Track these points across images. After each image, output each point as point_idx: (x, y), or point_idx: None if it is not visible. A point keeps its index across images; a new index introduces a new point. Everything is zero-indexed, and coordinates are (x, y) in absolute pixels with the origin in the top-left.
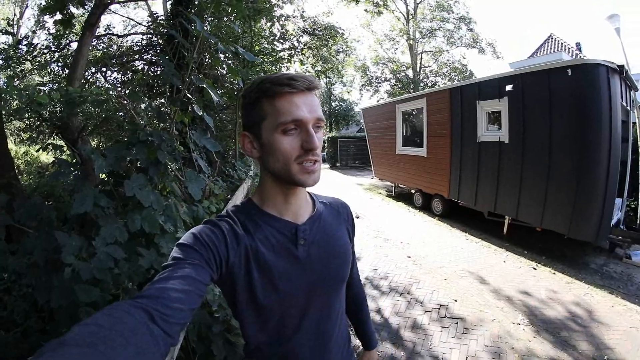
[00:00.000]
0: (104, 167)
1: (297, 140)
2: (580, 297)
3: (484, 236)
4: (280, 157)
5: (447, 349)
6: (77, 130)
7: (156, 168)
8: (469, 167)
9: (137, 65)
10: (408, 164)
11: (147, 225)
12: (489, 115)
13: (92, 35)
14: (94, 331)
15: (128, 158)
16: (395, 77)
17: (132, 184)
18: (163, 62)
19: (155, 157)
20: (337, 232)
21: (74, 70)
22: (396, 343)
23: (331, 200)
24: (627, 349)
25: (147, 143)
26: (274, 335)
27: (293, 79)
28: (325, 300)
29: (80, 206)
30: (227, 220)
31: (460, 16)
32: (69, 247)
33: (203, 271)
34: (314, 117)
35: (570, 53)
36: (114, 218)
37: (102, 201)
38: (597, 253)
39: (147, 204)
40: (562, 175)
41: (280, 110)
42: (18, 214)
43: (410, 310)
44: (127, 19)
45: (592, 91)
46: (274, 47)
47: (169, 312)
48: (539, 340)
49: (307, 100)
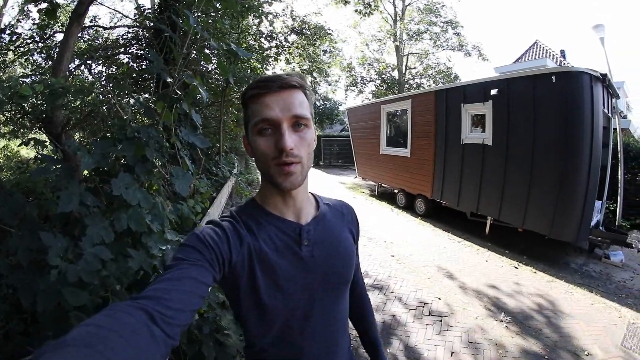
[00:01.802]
0: (91, 164)
1: (272, 140)
2: (561, 294)
3: (466, 236)
4: (260, 158)
5: (431, 346)
6: (61, 124)
7: (143, 165)
8: (453, 168)
9: (123, 58)
10: (392, 164)
11: (134, 224)
12: (473, 118)
13: (80, 26)
14: (93, 332)
15: (114, 154)
16: (380, 78)
17: (119, 183)
18: (152, 56)
19: (143, 154)
20: (341, 234)
21: (59, 62)
22: (381, 341)
23: (335, 202)
24: (606, 344)
25: (134, 139)
26: (279, 337)
27: (267, 80)
28: (329, 302)
29: (66, 205)
30: (230, 220)
31: (447, 20)
32: (55, 248)
33: (205, 272)
34: (288, 115)
35: (554, 60)
36: (100, 217)
37: (88, 199)
38: (577, 253)
39: (134, 202)
40: (544, 178)
41: (254, 111)
42: (0, 211)
43: (394, 308)
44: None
45: (575, 98)
46: (261, 45)
47: (170, 313)
48: (522, 336)
49: (280, 99)
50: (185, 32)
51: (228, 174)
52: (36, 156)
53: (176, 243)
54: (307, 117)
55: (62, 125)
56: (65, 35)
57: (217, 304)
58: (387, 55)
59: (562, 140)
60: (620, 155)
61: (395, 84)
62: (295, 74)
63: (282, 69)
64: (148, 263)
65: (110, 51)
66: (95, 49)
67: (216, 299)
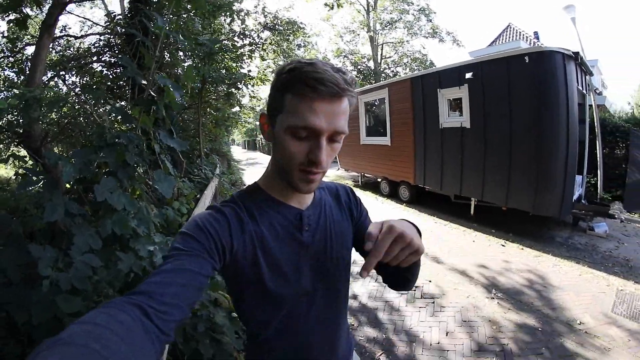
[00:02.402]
0: (73, 173)
1: (305, 148)
2: (549, 268)
3: (452, 219)
4: (284, 156)
5: (426, 327)
6: (39, 138)
7: (125, 171)
8: (433, 153)
9: (96, 67)
10: (373, 153)
11: (118, 228)
12: (450, 103)
13: (51, 37)
14: (88, 329)
15: (96, 162)
16: (356, 69)
17: (102, 188)
18: (124, 61)
19: (124, 159)
20: (338, 217)
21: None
22: (376, 326)
23: (330, 185)
24: (597, 312)
25: (114, 145)
26: (284, 324)
27: (322, 81)
28: (331, 286)
29: (51, 214)
30: (232, 205)
31: (420, 7)
32: (45, 259)
33: (204, 262)
34: (331, 128)
35: (528, 42)
36: (85, 226)
37: (73, 208)
38: (562, 227)
39: (120, 207)
40: (524, 156)
41: (296, 111)
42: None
43: (386, 294)
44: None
45: (549, 76)
46: (234, 44)
47: (164, 309)
48: (514, 311)
49: (330, 108)
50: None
51: (210, 175)
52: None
53: (164, 244)
54: (346, 131)
55: (41, 139)
56: (36, 48)
57: (210, 302)
58: (361, 46)
59: (539, 118)
60: (598, 130)
61: (371, 74)
62: (349, 77)
63: (257, 66)
64: (138, 265)
65: (83, 60)
66: (68, 59)
67: (208, 297)
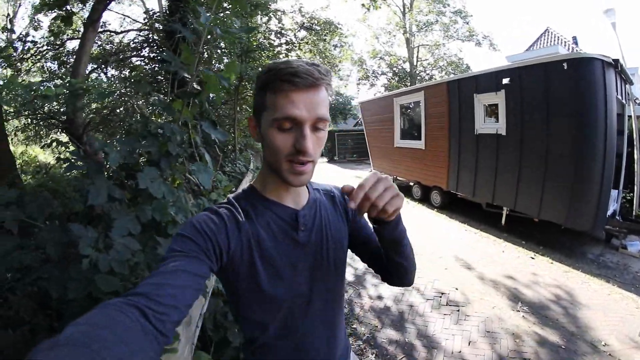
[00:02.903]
0: (118, 160)
1: (291, 139)
2: (578, 285)
3: (482, 227)
4: (272, 152)
5: (449, 335)
6: (81, 126)
7: (167, 160)
8: (467, 159)
9: (135, 61)
10: (406, 156)
11: (158, 214)
12: (486, 108)
13: (95, 31)
14: (87, 330)
15: (138, 150)
16: (392, 71)
17: (145, 177)
18: (168, 56)
19: (166, 149)
20: (334, 218)
21: (77, 67)
22: (399, 329)
23: (325, 186)
24: (623, 334)
25: (157, 136)
26: (282, 327)
27: (297, 74)
28: (327, 286)
29: (95, 198)
30: (228, 207)
31: (456, 10)
32: (86, 239)
33: (201, 264)
34: (313, 116)
35: (566, 47)
36: (125, 210)
37: (115, 193)
38: (594, 243)
39: (159, 195)
40: (559, 166)
41: (277, 105)
42: (29, 208)
43: (411, 298)
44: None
45: (587, 84)
46: (271, 43)
47: (162, 310)
48: (538, 326)
49: (308, 98)
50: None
51: (245, 170)
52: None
53: None
54: (328, 118)
55: (83, 127)
56: (81, 41)
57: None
58: (397, 47)
59: (576, 128)
60: (636, 143)
61: (407, 76)
62: (322, 68)
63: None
64: None
65: (122, 55)
66: (110, 53)
67: None
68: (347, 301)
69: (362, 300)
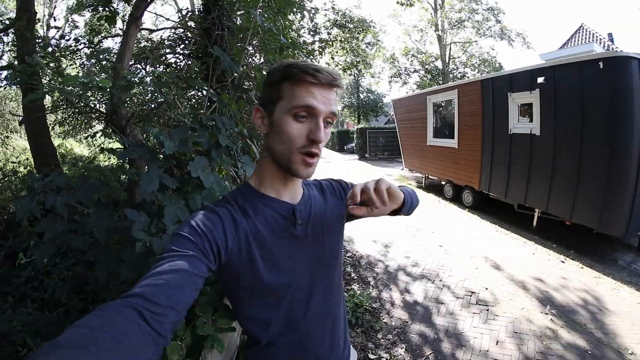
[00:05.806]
0: (173, 148)
1: (305, 129)
2: (607, 291)
3: (513, 228)
4: (285, 140)
5: (477, 334)
6: (125, 118)
7: (217, 151)
8: (500, 159)
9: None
10: (439, 155)
11: (208, 203)
12: (520, 108)
13: (137, 28)
14: (85, 333)
15: (190, 140)
16: (424, 69)
17: (196, 165)
18: (218, 53)
19: (217, 140)
20: (327, 209)
21: (120, 62)
22: (429, 325)
23: (314, 182)
24: None
25: (207, 127)
26: (285, 323)
27: (319, 71)
28: (326, 279)
29: (148, 184)
30: (225, 205)
31: (489, 7)
32: (139, 223)
33: (199, 263)
34: (327, 110)
35: (602, 44)
36: (175, 198)
37: (167, 181)
38: (626, 250)
39: (208, 184)
40: (592, 169)
41: (298, 95)
42: (79, 193)
43: (441, 296)
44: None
45: (623, 84)
46: (305, 40)
47: (160, 311)
48: (566, 330)
49: (325, 94)
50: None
51: None
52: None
53: None
54: (338, 115)
55: (126, 119)
56: (124, 37)
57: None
58: (429, 45)
59: (611, 129)
60: None
61: (439, 74)
62: (336, 73)
63: (327, 63)
64: None
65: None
66: (151, 49)
67: None
68: (377, 297)
69: (392, 295)
